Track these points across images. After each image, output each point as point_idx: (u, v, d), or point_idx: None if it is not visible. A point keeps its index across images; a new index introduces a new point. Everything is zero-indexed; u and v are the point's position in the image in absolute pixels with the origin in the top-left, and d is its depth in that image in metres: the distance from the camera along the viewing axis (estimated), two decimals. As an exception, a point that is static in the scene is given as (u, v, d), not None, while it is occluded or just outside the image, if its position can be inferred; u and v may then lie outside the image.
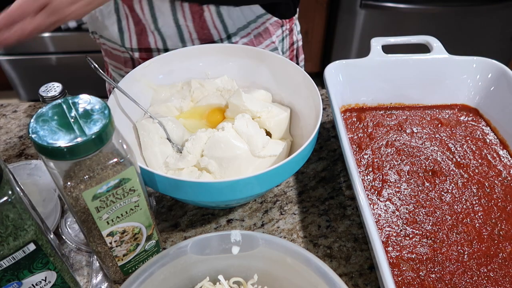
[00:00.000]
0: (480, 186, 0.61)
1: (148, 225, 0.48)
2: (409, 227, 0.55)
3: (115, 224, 0.44)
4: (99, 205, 0.41)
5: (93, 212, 0.41)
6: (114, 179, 0.40)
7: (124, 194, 0.42)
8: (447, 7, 1.75)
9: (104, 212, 0.42)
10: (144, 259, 0.52)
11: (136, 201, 0.44)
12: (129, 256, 0.50)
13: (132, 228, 0.46)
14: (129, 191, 0.42)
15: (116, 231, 0.45)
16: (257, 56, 0.68)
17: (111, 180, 0.40)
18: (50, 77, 0.79)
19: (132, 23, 0.70)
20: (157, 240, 0.51)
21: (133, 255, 0.50)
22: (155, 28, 0.70)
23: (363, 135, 0.69)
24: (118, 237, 0.46)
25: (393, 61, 0.71)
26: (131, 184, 0.42)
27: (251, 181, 0.49)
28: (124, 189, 0.42)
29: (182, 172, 0.58)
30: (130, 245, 0.48)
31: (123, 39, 0.72)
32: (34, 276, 0.42)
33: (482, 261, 0.52)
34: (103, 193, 0.40)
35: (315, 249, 0.57)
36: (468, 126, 0.70)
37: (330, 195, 0.64)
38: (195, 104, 0.69)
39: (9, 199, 0.36)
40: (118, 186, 0.41)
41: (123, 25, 0.71)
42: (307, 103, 0.62)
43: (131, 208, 0.44)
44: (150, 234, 0.49)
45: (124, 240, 0.47)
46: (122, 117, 0.61)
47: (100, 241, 0.46)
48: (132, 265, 0.51)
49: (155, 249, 0.52)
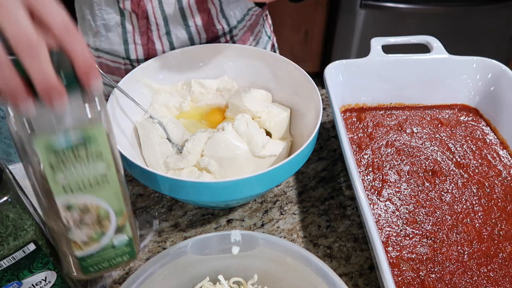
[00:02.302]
0: (480, 186, 0.61)
1: (118, 210, 0.40)
2: (409, 227, 0.55)
3: (74, 193, 0.36)
4: (55, 161, 0.34)
5: (47, 170, 0.34)
6: (76, 132, 0.34)
7: (88, 157, 0.35)
8: (447, 7, 1.75)
9: (60, 173, 0.35)
10: (111, 259, 0.42)
11: (104, 173, 0.37)
12: (91, 248, 0.40)
13: (97, 207, 0.38)
14: (95, 156, 0.36)
15: (75, 205, 0.37)
16: (257, 56, 0.68)
17: (71, 131, 0.34)
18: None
19: (138, 34, 0.70)
20: (130, 239, 0.41)
21: (97, 247, 0.40)
22: (166, 32, 0.70)
23: (363, 135, 0.69)
24: (77, 215, 0.38)
25: (393, 61, 0.71)
26: (98, 148, 0.35)
27: (251, 181, 0.49)
28: (89, 151, 0.35)
29: (182, 172, 0.58)
30: (93, 232, 0.39)
31: (128, 51, 0.72)
32: (34, 276, 0.42)
33: (482, 261, 0.52)
34: (61, 148, 0.34)
35: (315, 249, 0.57)
36: (468, 126, 0.70)
37: (330, 195, 0.64)
38: (195, 104, 0.69)
39: (9, 199, 0.36)
40: (81, 144, 0.35)
41: (129, 37, 0.71)
42: (307, 103, 0.62)
43: (96, 179, 0.37)
44: (121, 226, 0.41)
45: (85, 222, 0.39)
46: (122, 117, 0.61)
47: (55, 215, 0.38)
48: (94, 262, 0.41)
49: (127, 249, 0.42)
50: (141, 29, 0.70)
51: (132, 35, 0.71)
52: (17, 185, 0.40)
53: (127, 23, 0.70)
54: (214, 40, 0.75)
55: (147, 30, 0.70)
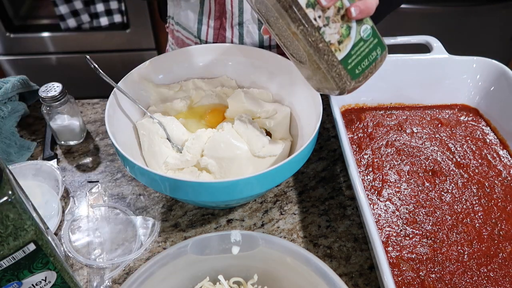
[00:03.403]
0: (480, 186, 0.61)
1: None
2: (409, 227, 0.55)
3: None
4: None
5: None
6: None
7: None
8: (447, 7, 1.75)
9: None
10: (368, 55, 0.46)
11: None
12: (346, 45, 0.44)
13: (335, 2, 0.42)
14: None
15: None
16: (257, 56, 0.68)
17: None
18: (50, 77, 0.79)
19: (213, 17, 0.72)
20: (373, 27, 0.46)
21: (350, 43, 0.44)
22: (239, 23, 0.71)
23: (363, 135, 0.69)
24: (319, 10, 0.42)
25: (393, 61, 0.71)
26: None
27: (251, 181, 0.49)
28: None
29: (182, 172, 0.58)
30: (339, 25, 0.43)
31: (200, 31, 0.74)
32: (34, 276, 0.42)
33: (482, 261, 0.52)
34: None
35: (315, 249, 0.57)
36: (468, 126, 0.70)
37: (330, 195, 0.64)
38: (195, 104, 0.69)
39: (9, 199, 0.36)
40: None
41: (204, 18, 0.72)
42: (307, 103, 0.62)
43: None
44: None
45: (329, 16, 0.42)
46: (122, 117, 0.61)
47: (307, 24, 0.42)
48: (355, 62, 0.45)
49: (375, 41, 0.46)
50: (216, 13, 0.71)
51: (207, 17, 0.72)
52: (17, 185, 0.40)
53: (205, 4, 0.71)
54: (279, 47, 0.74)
55: (221, 16, 0.71)
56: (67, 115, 0.69)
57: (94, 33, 1.66)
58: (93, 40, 1.68)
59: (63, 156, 0.71)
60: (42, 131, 0.75)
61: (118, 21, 1.60)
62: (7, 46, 1.69)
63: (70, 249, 0.57)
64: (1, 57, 1.74)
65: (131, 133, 0.62)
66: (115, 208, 0.63)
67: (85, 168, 0.69)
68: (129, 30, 1.65)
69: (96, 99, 0.82)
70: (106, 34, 1.66)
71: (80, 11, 1.56)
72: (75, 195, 0.64)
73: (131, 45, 1.70)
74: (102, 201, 0.63)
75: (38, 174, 0.64)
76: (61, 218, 0.61)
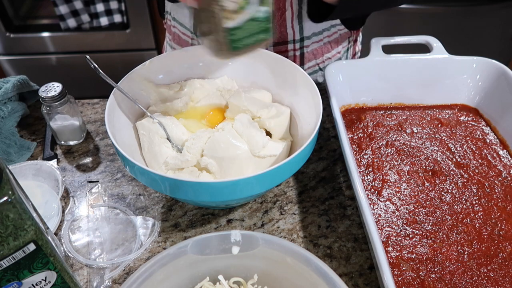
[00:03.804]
0: (480, 186, 0.61)
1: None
2: (409, 227, 0.55)
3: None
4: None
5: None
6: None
7: None
8: (447, 7, 1.75)
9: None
10: (254, 34, 0.47)
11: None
12: (239, 17, 0.44)
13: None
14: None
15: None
16: (256, 56, 0.68)
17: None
18: (50, 77, 0.79)
19: None
20: (270, 13, 0.46)
21: (244, 18, 0.44)
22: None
23: (363, 135, 0.69)
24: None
25: (393, 61, 0.71)
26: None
27: (251, 181, 0.49)
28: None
29: (182, 172, 0.58)
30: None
31: (195, 27, 0.74)
32: (34, 276, 0.42)
33: (482, 261, 0.52)
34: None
35: (315, 249, 0.57)
36: (468, 126, 0.70)
37: (330, 195, 0.64)
38: (195, 104, 0.69)
39: (9, 199, 0.36)
40: None
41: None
42: (307, 103, 0.62)
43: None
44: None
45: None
46: (122, 117, 0.61)
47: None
48: (240, 35, 0.45)
49: (267, 25, 0.46)
50: None
51: None
52: (17, 185, 0.40)
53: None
54: (281, 44, 0.74)
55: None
56: (67, 115, 0.69)
57: (94, 33, 1.66)
58: (93, 40, 1.68)
59: (63, 156, 0.71)
60: (42, 131, 0.75)
61: (118, 21, 1.60)
62: (7, 46, 1.70)
63: (70, 249, 0.57)
64: (1, 57, 1.74)
65: (131, 133, 0.62)
66: (115, 208, 0.63)
67: (85, 168, 0.69)
68: (129, 30, 1.65)
69: (96, 99, 0.82)
70: (106, 34, 1.66)
71: (80, 11, 1.56)
72: (75, 195, 0.64)
73: (131, 45, 1.70)
74: (102, 201, 0.63)
75: (38, 174, 0.64)
76: (61, 218, 0.61)
